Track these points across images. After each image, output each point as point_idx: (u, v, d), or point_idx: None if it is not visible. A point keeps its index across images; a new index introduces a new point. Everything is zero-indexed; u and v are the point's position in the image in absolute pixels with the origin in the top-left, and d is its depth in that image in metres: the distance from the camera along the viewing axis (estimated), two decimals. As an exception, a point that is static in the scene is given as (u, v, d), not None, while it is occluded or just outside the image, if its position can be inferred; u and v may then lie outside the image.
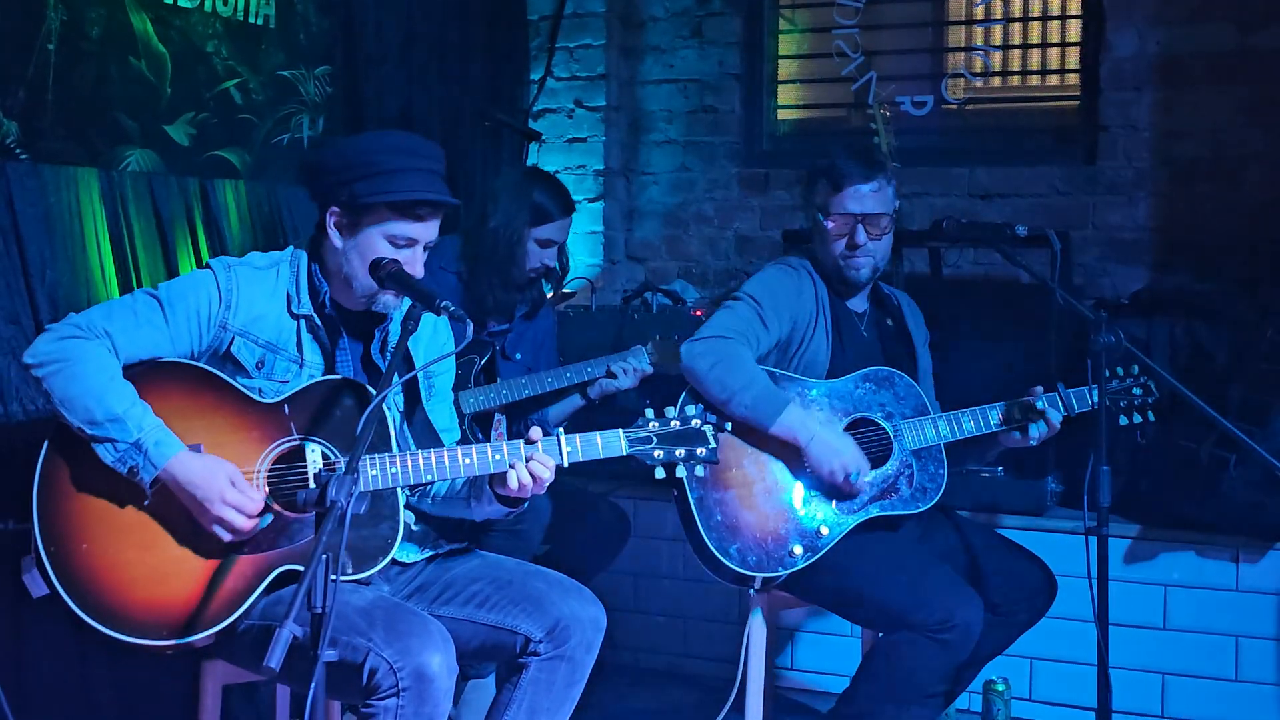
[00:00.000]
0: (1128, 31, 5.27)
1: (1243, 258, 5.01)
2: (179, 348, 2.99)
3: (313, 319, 3.07)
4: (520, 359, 4.35)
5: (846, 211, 3.67)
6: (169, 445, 2.83)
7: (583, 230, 6.01)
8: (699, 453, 3.08)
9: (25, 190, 3.63)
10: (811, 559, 3.53)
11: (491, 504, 3.06)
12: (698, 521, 3.52)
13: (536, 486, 2.97)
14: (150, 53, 4.08)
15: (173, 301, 2.99)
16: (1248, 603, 4.22)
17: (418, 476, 2.93)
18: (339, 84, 4.80)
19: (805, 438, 3.54)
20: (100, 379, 2.84)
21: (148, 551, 2.86)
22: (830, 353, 3.70)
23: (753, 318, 3.63)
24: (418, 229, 3.01)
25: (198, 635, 2.83)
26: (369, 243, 3.01)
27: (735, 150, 5.94)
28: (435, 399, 3.27)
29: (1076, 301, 3.61)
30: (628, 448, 3.05)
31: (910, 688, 3.50)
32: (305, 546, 2.91)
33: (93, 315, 2.94)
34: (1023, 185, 5.46)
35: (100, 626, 2.81)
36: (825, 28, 5.86)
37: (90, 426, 2.82)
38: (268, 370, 3.03)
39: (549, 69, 6.04)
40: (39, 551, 2.83)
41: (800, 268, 3.77)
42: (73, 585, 2.82)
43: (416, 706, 2.75)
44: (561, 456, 3.00)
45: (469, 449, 2.95)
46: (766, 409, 3.53)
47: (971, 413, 3.66)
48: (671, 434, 3.08)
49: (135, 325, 2.94)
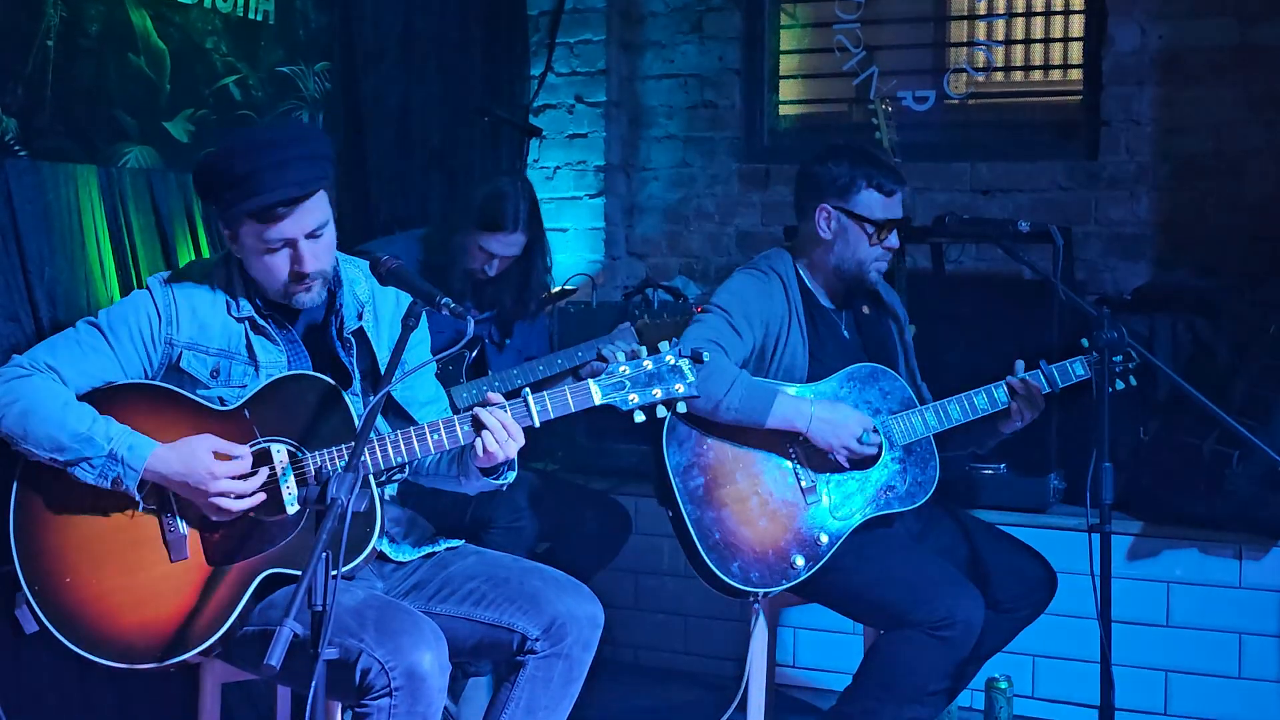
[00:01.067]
0: (1130, 26, 5.26)
1: (1245, 253, 5.00)
2: (130, 371, 3.00)
3: (255, 319, 3.05)
4: (511, 343, 4.33)
5: (891, 216, 3.64)
6: (143, 446, 2.84)
7: (583, 226, 6.00)
8: (676, 389, 2.96)
9: (24, 187, 3.62)
10: (814, 568, 3.52)
11: (479, 478, 3.03)
12: (696, 542, 3.49)
13: (503, 449, 2.89)
14: (149, 49, 4.07)
15: (114, 327, 3.00)
16: (1251, 600, 4.21)
17: (388, 461, 2.90)
18: (338, 80, 4.79)
19: (804, 422, 3.51)
20: (54, 406, 2.85)
21: (131, 575, 2.87)
22: (808, 354, 3.66)
23: (724, 327, 3.58)
24: (285, 227, 2.93)
25: (191, 652, 2.84)
26: (250, 250, 2.99)
27: (736, 146, 5.93)
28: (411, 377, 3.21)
29: (1079, 297, 3.61)
30: (602, 397, 2.95)
31: (912, 685, 3.49)
32: (286, 548, 2.91)
33: (35, 352, 2.97)
34: (1025, 180, 5.45)
35: (95, 658, 2.83)
36: (826, 22, 5.85)
37: (60, 453, 2.82)
38: (224, 378, 3.03)
39: (549, 64, 6.03)
40: (25, 591, 2.83)
41: (769, 271, 3.71)
42: (62, 620, 2.84)
43: (410, 705, 2.74)
44: (532, 417, 2.93)
45: (436, 424, 2.92)
46: (757, 405, 3.50)
47: (958, 400, 3.63)
48: (646, 374, 2.96)
49: (80, 355, 2.96)
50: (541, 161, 6.02)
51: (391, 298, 3.21)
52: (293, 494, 2.91)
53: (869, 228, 3.64)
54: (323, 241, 2.99)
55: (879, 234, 3.64)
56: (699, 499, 3.52)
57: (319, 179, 2.96)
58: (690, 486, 3.52)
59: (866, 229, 3.64)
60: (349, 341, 3.13)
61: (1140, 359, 3.60)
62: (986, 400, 3.63)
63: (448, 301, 2.85)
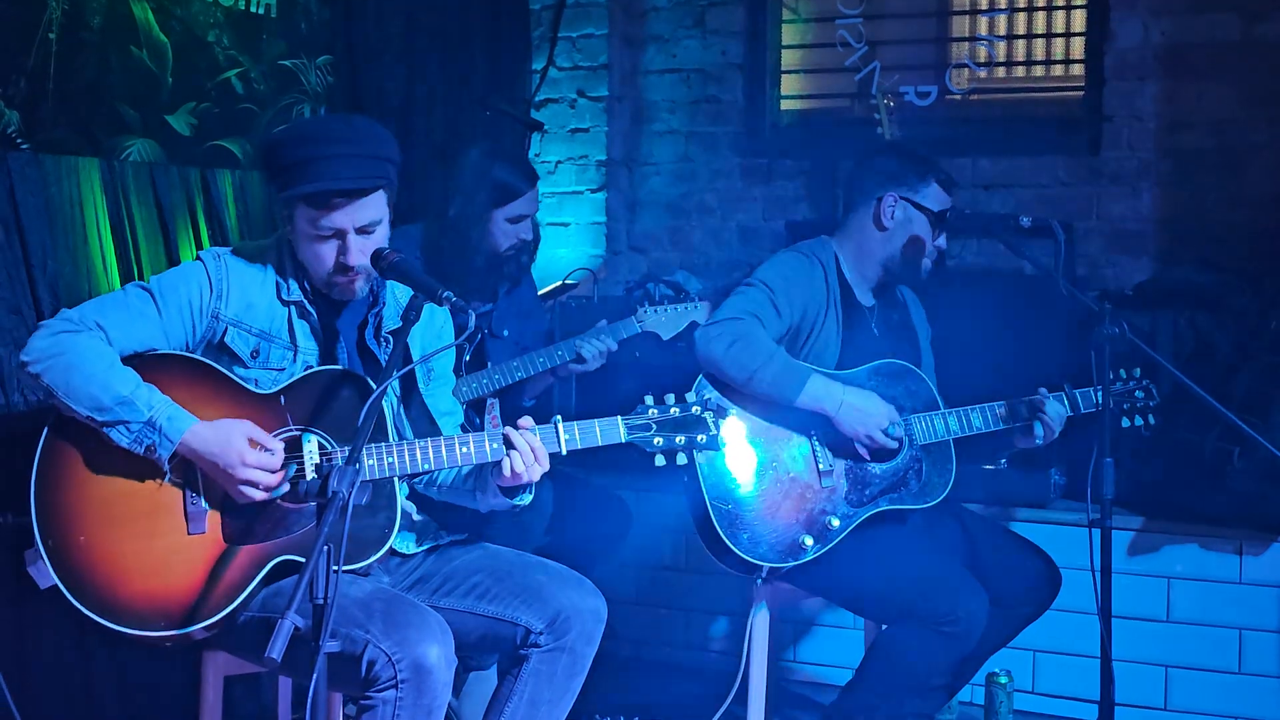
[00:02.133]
0: (1132, 21, 5.25)
1: (1247, 249, 5.00)
2: (173, 340, 2.99)
3: (303, 305, 3.06)
4: (509, 335, 4.33)
5: (946, 206, 3.70)
6: (182, 419, 2.84)
7: (585, 221, 6.00)
8: (699, 439, 3.06)
9: (26, 180, 3.63)
10: (821, 550, 3.53)
11: (496, 496, 3.04)
12: (709, 508, 3.50)
13: (528, 472, 2.93)
14: (151, 42, 4.07)
15: (164, 293, 2.99)
16: (1251, 595, 4.21)
17: (414, 466, 2.92)
18: (340, 74, 4.79)
19: (833, 406, 3.53)
20: (100, 366, 2.84)
21: (146, 543, 2.86)
22: (840, 344, 3.68)
23: (765, 302, 3.61)
24: (337, 217, 2.95)
25: (195, 626, 2.82)
26: (302, 234, 3.00)
27: (738, 141, 5.93)
28: (435, 383, 3.26)
29: (1080, 293, 3.61)
30: (627, 435, 3.02)
31: (913, 680, 3.49)
32: (302, 537, 2.90)
33: (85, 309, 2.94)
34: (1027, 176, 5.44)
35: (98, 618, 2.81)
36: (828, 17, 5.84)
37: (100, 413, 2.81)
38: (263, 359, 3.03)
39: (551, 58, 6.03)
40: (38, 545, 2.82)
41: (813, 255, 3.74)
42: (70, 578, 2.82)
43: (415, 698, 2.75)
44: (560, 445, 2.98)
45: (466, 438, 2.94)
46: (790, 382, 3.52)
47: (980, 409, 3.66)
48: (671, 420, 3.05)
49: (128, 318, 2.94)
50: (543, 156, 6.02)
51: (441, 315, 3.24)
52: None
53: (932, 219, 3.69)
54: (373, 238, 3.00)
55: (936, 228, 3.70)
56: (717, 466, 3.53)
57: (379, 178, 2.98)
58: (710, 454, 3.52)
59: (931, 221, 3.70)
60: (386, 340, 3.14)
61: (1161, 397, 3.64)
62: (1008, 414, 3.65)
63: (449, 295, 2.84)
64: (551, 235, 5.86)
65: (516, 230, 4.18)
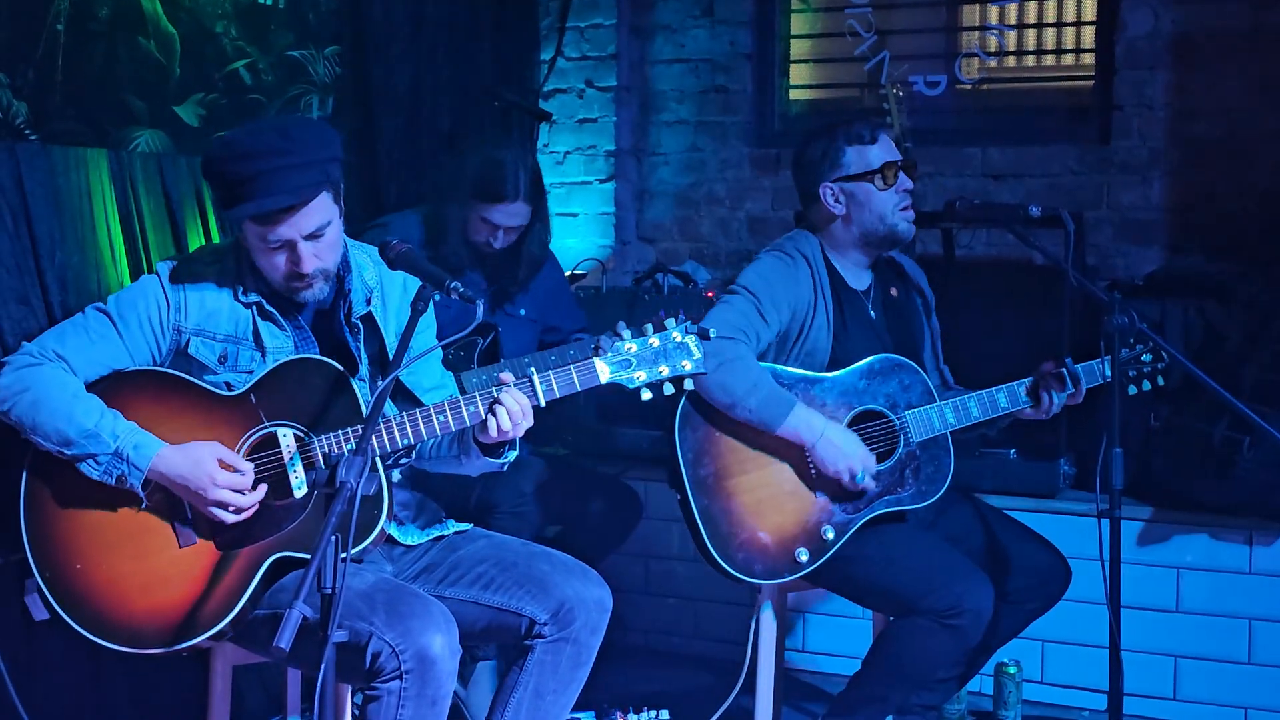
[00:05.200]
0: (1142, 10, 5.23)
1: (1257, 238, 4.98)
2: (138, 358, 3.01)
3: (262, 305, 3.05)
4: (525, 314, 4.33)
5: (891, 160, 3.64)
6: (148, 446, 2.85)
7: (593, 211, 5.99)
8: (683, 366, 2.95)
9: (34, 171, 3.63)
10: (817, 563, 3.52)
11: (480, 457, 3.03)
12: (702, 532, 3.50)
13: (515, 429, 2.90)
14: (159, 33, 4.07)
15: (123, 313, 3.01)
16: (1261, 585, 4.20)
17: (394, 444, 2.91)
18: (348, 64, 4.78)
19: (811, 439, 3.50)
20: (63, 398, 2.86)
21: (141, 561, 2.88)
22: (831, 339, 3.64)
23: (751, 312, 3.57)
24: (283, 230, 2.94)
25: (202, 636, 2.86)
26: (254, 247, 3.00)
27: (747, 130, 5.92)
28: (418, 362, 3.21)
29: (1090, 283, 3.59)
30: (609, 375, 2.93)
31: (920, 672, 3.49)
32: (294, 531, 2.91)
33: (45, 339, 2.97)
34: (1036, 165, 5.43)
35: (106, 643, 2.85)
36: (838, 7, 5.83)
37: (67, 447, 2.84)
38: (231, 363, 3.03)
39: (559, 49, 6.02)
40: (36, 578, 2.84)
41: (795, 253, 3.70)
42: (73, 605, 2.86)
43: (420, 688, 2.75)
44: (538, 396, 2.93)
45: (442, 405, 2.92)
46: (773, 411, 3.49)
47: (978, 397, 3.62)
48: (652, 352, 2.95)
49: (89, 342, 2.96)
50: (551, 146, 6.01)
51: (399, 282, 3.21)
52: (300, 478, 2.92)
53: (873, 179, 3.63)
54: (325, 241, 2.99)
55: (884, 179, 3.63)
56: (708, 488, 3.51)
57: (318, 184, 2.94)
58: (700, 475, 3.51)
59: (873, 181, 3.63)
60: (356, 326, 3.13)
61: (1170, 359, 3.60)
62: (1007, 399, 3.62)
63: (457, 285, 2.84)
64: (560, 226, 5.85)
65: (490, 235, 4.19)
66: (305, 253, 2.96)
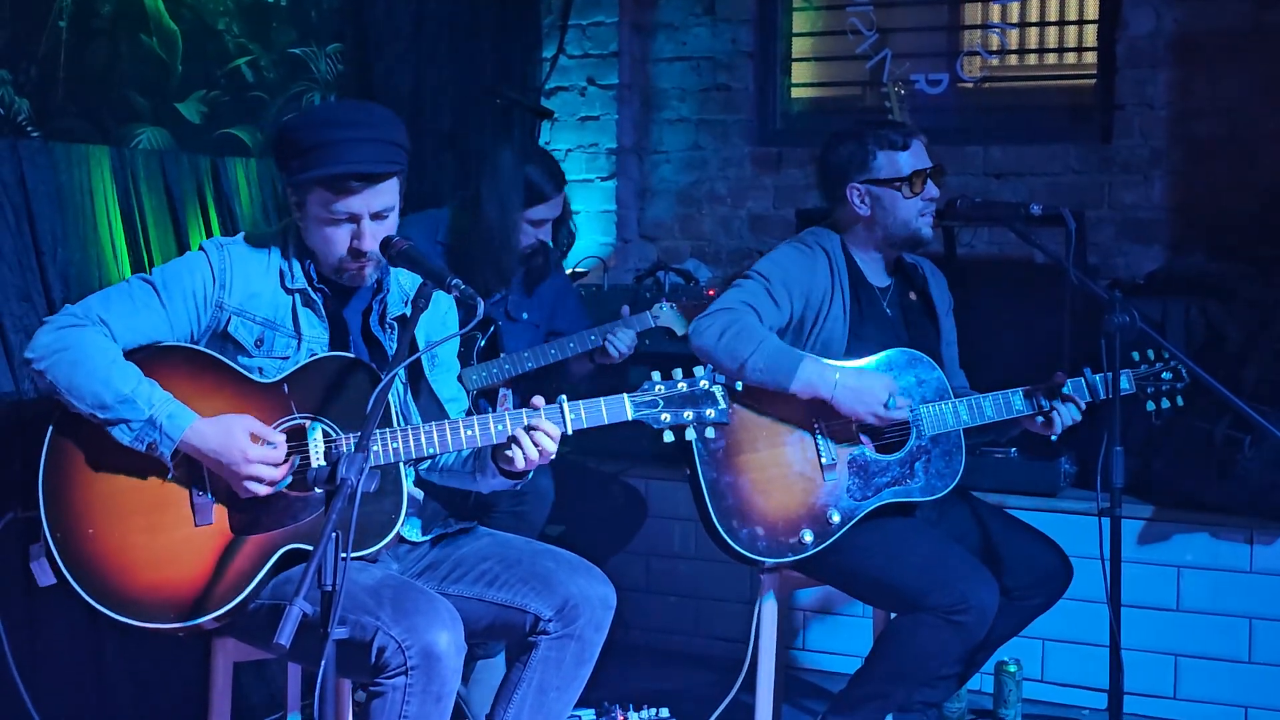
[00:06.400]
0: (1144, 9, 5.23)
1: (1259, 238, 4.98)
2: (178, 331, 2.99)
3: (307, 293, 3.06)
4: (528, 318, 4.34)
5: (922, 166, 3.65)
6: (183, 416, 2.84)
7: (595, 209, 5.99)
8: (708, 414, 3.02)
9: (37, 168, 3.63)
10: (821, 545, 3.52)
11: (495, 477, 3.04)
12: (708, 504, 3.50)
13: (541, 457, 2.94)
14: (162, 30, 4.08)
15: (168, 285, 2.99)
16: (1261, 584, 4.20)
17: (420, 451, 2.92)
18: (350, 62, 4.79)
19: (828, 390, 3.49)
20: (103, 362, 2.84)
21: (154, 535, 2.87)
22: (848, 331, 3.66)
23: (760, 292, 3.59)
24: (354, 202, 2.95)
25: (205, 617, 2.83)
26: (315, 219, 3.00)
27: (748, 129, 5.92)
28: (439, 369, 3.26)
29: (1091, 281, 3.59)
30: (633, 412, 3.00)
31: (923, 669, 3.49)
32: (310, 525, 2.90)
33: (89, 303, 2.95)
34: (1038, 164, 5.43)
35: (109, 612, 2.82)
36: (840, 5, 5.83)
37: (101, 411, 2.82)
38: (267, 348, 3.03)
39: (561, 46, 6.02)
40: (46, 538, 2.84)
41: (815, 245, 3.72)
42: (80, 571, 2.83)
43: (425, 685, 2.75)
44: (565, 424, 2.97)
45: (471, 420, 2.94)
46: (782, 368, 3.49)
47: (993, 398, 3.62)
48: (679, 396, 3.01)
49: (132, 311, 2.95)
50: (553, 144, 6.01)
51: (446, 301, 3.25)
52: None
53: (901, 186, 3.65)
54: (385, 225, 3.01)
55: (911, 187, 3.65)
56: (718, 461, 3.52)
57: (395, 164, 2.99)
58: (711, 448, 3.52)
59: (899, 189, 3.65)
60: (391, 327, 3.14)
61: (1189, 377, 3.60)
62: (1023, 403, 3.61)
63: (458, 283, 2.85)
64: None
65: (536, 232, 4.24)
66: (368, 230, 2.97)
